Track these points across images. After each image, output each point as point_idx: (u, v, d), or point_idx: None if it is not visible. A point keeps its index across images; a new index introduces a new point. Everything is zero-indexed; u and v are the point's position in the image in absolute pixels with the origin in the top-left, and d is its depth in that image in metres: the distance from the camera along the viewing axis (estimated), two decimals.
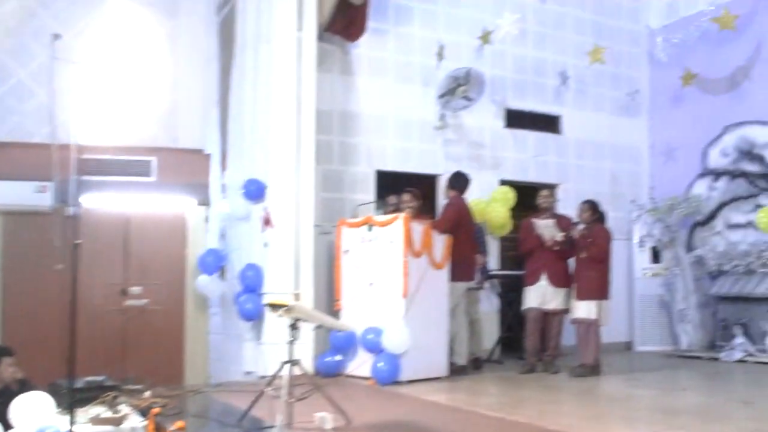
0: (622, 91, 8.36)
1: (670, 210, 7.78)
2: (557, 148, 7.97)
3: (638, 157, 8.53)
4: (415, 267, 5.60)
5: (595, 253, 6.10)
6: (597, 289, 6.11)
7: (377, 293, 5.67)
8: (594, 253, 6.10)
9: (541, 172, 7.85)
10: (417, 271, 5.61)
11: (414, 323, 5.56)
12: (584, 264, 6.13)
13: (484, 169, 7.46)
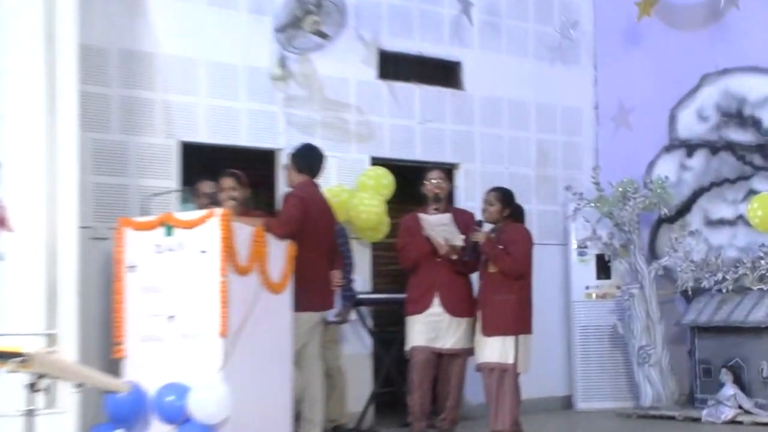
0: (552, 26, 8.68)
1: (623, 200, 8.00)
2: (456, 110, 8.16)
3: (577, 124, 8.86)
4: (239, 290, 5.52)
5: (509, 266, 6.29)
6: (513, 319, 6.31)
7: (181, 331, 5.56)
8: (508, 266, 6.29)
9: (433, 145, 8.04)
10: (243, 297, 5.54)
11: (238, 377, 5.46)
12: (494, 283, 6.33)
13: (346, 141, 7.61)
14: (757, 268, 7.62)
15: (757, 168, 8.00)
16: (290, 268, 5.83)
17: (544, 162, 8.74)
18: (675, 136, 8.48)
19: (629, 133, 8.78)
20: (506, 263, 6.27)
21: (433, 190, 6.55)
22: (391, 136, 7.88)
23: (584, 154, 8.94)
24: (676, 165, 8.38)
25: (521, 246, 6.38)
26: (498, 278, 6.31)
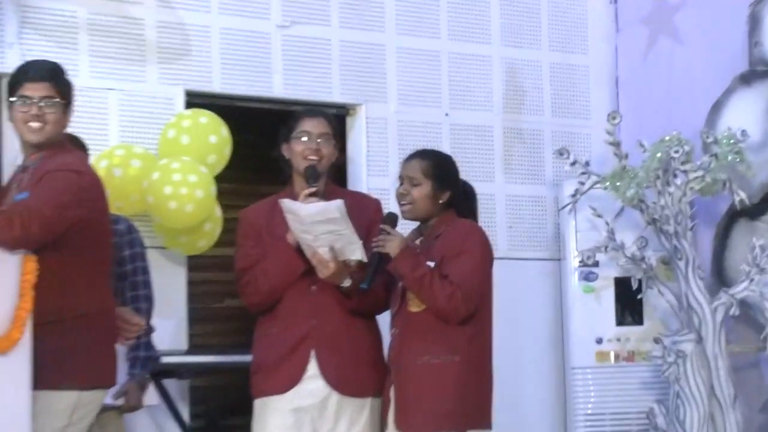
0: None
1: (664, 176, 7.77)
2: (352, 2, 8.18)
3: (578, 29, 8.99)
4: None
5: (445, 300, 6.17)
6: (454, 400, 6.25)
7: None
8: (445, 300, 6.17)
9: (307, 71, 8.06)
10: None
11: None
12: (419, 332, 6.29)
13: (139, 60, 7.69)
14: None
15: None
16: (26, 305, 5.78)
17: (518, 101, 8.74)
18: (761, 56, 8.23)
19: (676, 49, 8.78)
20: (442, 294, 6.12)
21: (307, 156, 6.36)
22: (225, 53, 7.91)
23: (593, 87, 9.04)
24: (763, 109, 8.24)
25: (470, 261, 6.24)
26: (427, 323, 6.21)
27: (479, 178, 7.93)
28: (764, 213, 8.18)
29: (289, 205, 6.18)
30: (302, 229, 6.19)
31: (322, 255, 6.20)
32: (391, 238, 6.21)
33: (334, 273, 6.20)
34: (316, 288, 6.30)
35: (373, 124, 8.20)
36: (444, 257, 6.22)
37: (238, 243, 6.55)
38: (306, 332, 6.31)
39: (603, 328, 8.38)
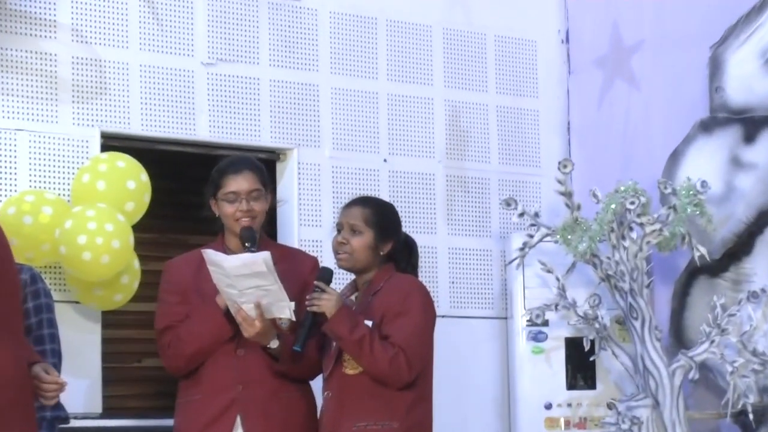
0: None
1: (619, 229, 7.76)
2: (284, 38, 8.07)
3: (529, 71, 8.93)
4: None
5: (386, 364, 6.18)
6: None
7: None
8: (385, 363, 6.18)
9: (235, 113, 7.94)
10: None
11: None
12: (355, 396, 6.30)
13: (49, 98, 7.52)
14: None
15: None
16: None
17: (462, 147, 8.66)
18: (722, 102, 8.22)
19: (632, 94, 8.76)
20: (383, 358, 6.17)
21: (239, 219, 6.46)
22: (145, 92, 7.76)
23: (543, 133, 9.03)
24: (724, 159, 8.19)
25: (413, 322, 6.29)
26: (363, 387, 6.27)
27: (420, 230, 8.06)
28: (726, 270, 8.17)
29: (213, 257, 6.14)
30: (227, 283, 6.15)
31: (247, 312, 6.17)
32: (326, 296, 6.20)
33: (261, 332, 6.19)
34: (243, 352, 6.32)
35: (306, 170, 8.13)
36: (384, 316, 6.23)
37: (160, 298, 6.52)
38: (232, 400, 6.31)
39: (553, 392, 8.33)
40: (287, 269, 6.35)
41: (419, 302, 6.36)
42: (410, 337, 6.24)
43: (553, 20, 9.01)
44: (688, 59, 8.35)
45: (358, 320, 6.20)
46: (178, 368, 6.45)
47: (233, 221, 6.40)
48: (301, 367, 6.42)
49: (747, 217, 8.16)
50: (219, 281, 6.17)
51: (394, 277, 6.40)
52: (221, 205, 6.41)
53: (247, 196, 6.38)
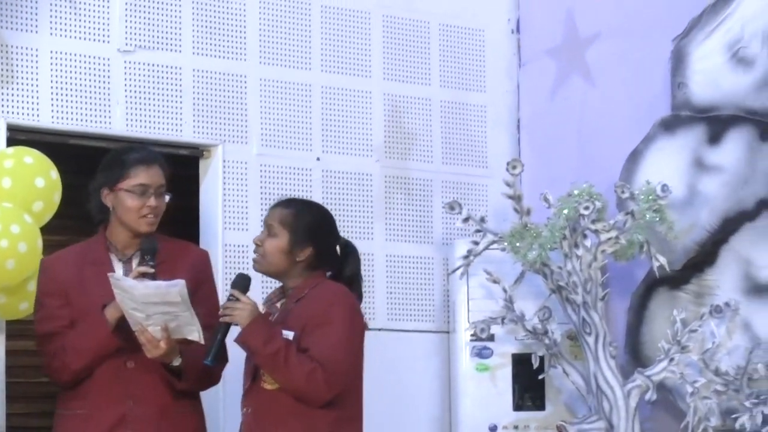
0: None
1: (572, 237, 7.81)
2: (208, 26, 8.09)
3: (476, 64, 9.02)
4: None
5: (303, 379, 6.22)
6: None
7: None
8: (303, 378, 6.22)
9: (153, 105, 7.93)
10: None
11: None
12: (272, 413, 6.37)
13: None
14: None
15: None
16: None
17: (403, 145, 8.73)
18: (685, 99, 8.32)
19: (588, 90, 8.79)
20: (299, 373, 6.23)
21: (145, 215, 6.49)
22: (56, 81, 7.68)
23: (490, 130, 9.05)
24: (686, 161, 8.27)
25: (335, 334, 6.33)
26: (283, 403, 6.33)
27: (355, 235, 8.04)
28: (687, 282, 8.24)
29: (122, 284, 6.19)
30: (133, 307, 6.19)
31: (152, 334, 6.23)
32: (240, 305, 6.27)
33: (164, 353, 6.26)
34: (133, 364, 6.36)
35: (231, 169, 8.12)
36: (305, 327, 6.26)
37: (39, 301, 6.54)
38: (121, 416, 6.35)
39: (498, 413, 8.36)
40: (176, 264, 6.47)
41: (342, 312, 6.38)
42: (331, 350, 6.27)
43: (503, 8, 9.04)
44: (649, 52, 8.44)
45: (274, 332, 6.25)
46: (64, 382, 6.45)
47: (137, 217, 6.41)
48: (202, 381, 6.56)
49: (711, 224, 8.19)
50: (124, 304, 6.20)
51: (320, 286, 6.43)
52: (122, 197, 6.40)
53: (156, 190, 6.42)
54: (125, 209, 6.40)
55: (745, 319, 8.18)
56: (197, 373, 6.40)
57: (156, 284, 6.19)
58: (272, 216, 6.50)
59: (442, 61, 8.88)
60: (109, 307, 6.22)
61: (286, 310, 6.41)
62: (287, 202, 6.65)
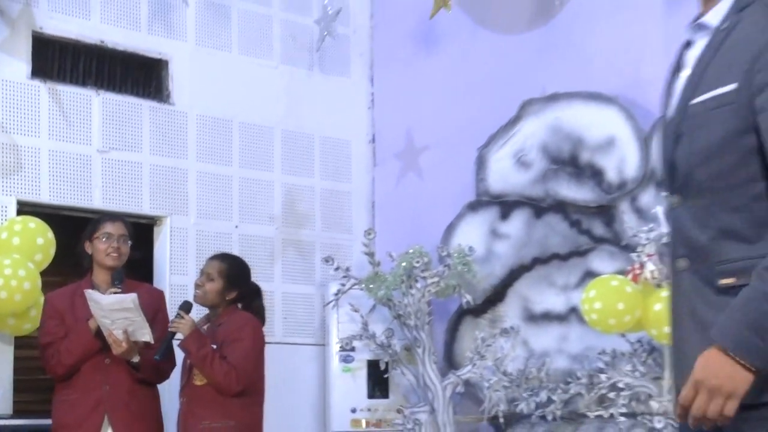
0: (309, 15, 8.40)
1: (408, 281, 7.75)
2: (160, 133, 7.83)
3: (344, 164, 8.77)
4: None
5: (224, 375, 6.18)
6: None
7: None
8: (222, 376, 6.18)
9: (122, 187, 7.71)
10: None
11: None
12: (202, 402, 6.28)
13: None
14: (596, 385, 7.48)
15: (597, 240, 7.86)
16: None
17: (295, 219, 8.52)
18: (485, 189, 8.20)
19: (420, 182, 8.57)
20: (220, 372, 6.19)
21: (110, 254, 6.33)
22: (52, 170, 7.42)
23: (354, 209, 8.86)
24: (485, 231, 8.13)
25: (244, 347, 6.32)
26: (209, 395, 6.26)
27: (262, 278, 7.53)
28: (485, 312, 8.15)
29: (93, 296, 6.13)
30: (102, 315, 6.12)
31: (117, 336, 6.13)
32: (184, 321, 6.22)
33: (126, 350, 6.15)
34: (109, 361, 6.23)
35: (176, 233, 7.86)
36: (224, 342, 6.24)
37: (43, 321, 6.41)
38: (100, 397, 6.22)
39: (357, 400, 8.19)
40: (143, 301, 6.28)
41: (250, 332, 6.38)
42: (241, 358, 6.26)
43: (363, 126, 8.87)
44: (461, 157, 8.27)
45: (206, 341, 6.20)
46: (59, 375, 6.32)
47: (105, 256, 6.29)
48: (154, 374, 6.39)
49: (501, 273, 8.13)
50: (96, 313, 6.12)
51: (235, 313, 6.42)
52: (95, 244, 6.31)
53: (118, 238, 6.28)
54: (97, 251, 6.30)
55: (524, 338, 8.09)
56: (151, 368, 6.27)
57: (116, 296, 6.14)
58: (211, 266, 6.46)
59: (322, 162, 8.70)
60: (91, 319, 6.11)
61: (211, 329, 6.36)
62: (221, 256, 6.63)
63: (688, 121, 2.99)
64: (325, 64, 8.59)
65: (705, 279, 2.95)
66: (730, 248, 2.92)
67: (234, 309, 6.45)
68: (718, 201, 2.96)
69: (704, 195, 2.98)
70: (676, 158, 3.03)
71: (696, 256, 2.97)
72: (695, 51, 3.05)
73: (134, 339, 6.16)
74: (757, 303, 2.74)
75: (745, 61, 2.89)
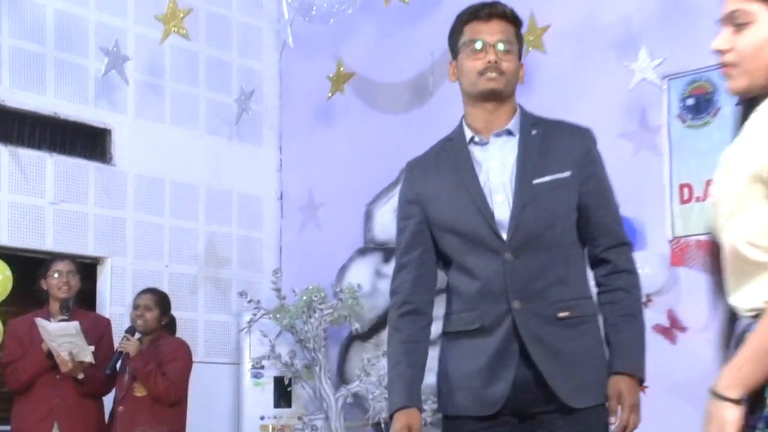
0: (229, 95, 8.29)
1: (308, 312, 7.66)
2: (103, 189, 7.58)
3: (257, 216, 8.54)
4: None
5: (163, 389, 6.17)
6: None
7: None
8: (162, 389, 6.17)
9: (71, 233, 7.36)
10: None
11: None
12: (140, 410, 6.20)
13: None
14: None
15: None
16: None
17: (215, 261, 8.26)
18: (371, 238, 8.16)
19: (318, 231, 8.40)
20: (161, 386, 6.18)
21: (60, 287, 6.24)
22: (11, 218, 7.13)
23: (264, 253, 8.60)
24: (371, 272, 8.08)
25: (179, 366, 6.37)
26: (146, 404, 6.22)
27: (188, 309, 7.77)
28: (371, 337, 8.09)
29: (42, 323, 6.08)
30: (50, 339, 6.07)
31: (63, 356, 6.06)
32: (131, 343, 6.21)
33: (71, 369, 6.07)
34: (59, 377, 6.15)
35: (116, 271, 7.63)
36: (162, 361, 6.24)
37: (4, 344, 6.36)
38: (51, 407, 6.15)
39: (265, 409, 8.06)
40: (90, 327, 6.27)
41: (184, 353, 6.43)
42: (178, 374, 6.28)
43: (273, 185, 8.61)
44: (352, 212, 8.17)
45: (149, 360, 6.15)
46: (16, 389, 6.23)
47: (56, 290, 6.18)
48: (97, 389, 6.31)
49: (384, 306, 7.78)
50: (45, 337, 6.06)
51: (168, 338, 6.48)
52: (48, 280, 6.21)
53: (67, 273, 6.21)
54: (51, 286, 6.21)
55: None
56: (93, 384, 6.21)
57: (61, 324, 6.07)
58: (146, 299, 6.43)
59: (238, 214, 8.39)
60: (43, 343, 6.03)
61: (150, 350, 6.29)
62: (152, 290, 6.61)
63: (535, 195, 3.15)
64: (242, 134, 8.39)
65: (542, 315, 3.13)
66: (562, 291, 3.14)
67: (166, 333, 6.45)
68: (554, 256, 3.15)
69: (544, 250, 3.14)
70: (522, 222, 3.13)
71: (530, 298, 3.13)
72: (497, 146, 3.29)
73: (78, 359, 6.06)
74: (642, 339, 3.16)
75: (573, 157, 3.16)
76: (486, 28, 3.27)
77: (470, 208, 3.21)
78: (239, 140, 8.37)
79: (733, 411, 2.22)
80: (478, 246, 3.19)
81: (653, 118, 6.58)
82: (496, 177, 3.23)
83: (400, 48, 7.88)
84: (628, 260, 3.23)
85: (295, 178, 8.53)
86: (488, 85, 3.26)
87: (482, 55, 3.25)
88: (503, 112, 3.30)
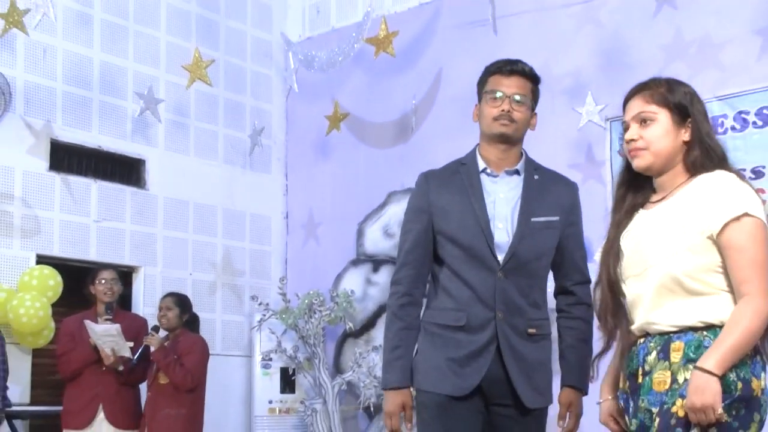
0: (243, 131, 8.12)
1: (309, 313, 7.49)
2: (138, 209, 7.43)
3: (266, 232, 8.37)
4: None
5: (181, 378, 6.06)
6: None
7: None
8: (180, 378, 6.06)
9: (111, 246, 7.21)
10: None
11: None
12: (164, 395, 6.10)
13: (8, 236, 6.68)
14: None
15: None
16: None
17: (231, 270, 8.07)
18: (362, 251, 8.00)
19: (317, 246, 8.23)
20: (179, 375, 6.05)
21: (106, 293, 6.15)
22: (61, 234, 6.99)
23: (272, 263, 8.39)
24: (362, 280, 7.94)
25: (195, 358, 6.21)
26: (168, 390, 6.10)
27: (207, 310, 7.56)
28: (362, 335, 7.92)
29: (90, 325, 6.04)
30: (96, 337, 6.04)
31: (107, 352, 6.03)
32: (154, 338, 6.12)
33: (113, 362, 6.03)
34: (103, 368, 6.09)
35: (148, 278, 7.47)
36: (181, 353, 6.12)
37: (59, 338, 6.27)
38: (96, 393, 6.09)
39: (272, 395, 7.90)
40: (129, 325, 6.19)
41: (200, 347, 6.27)
42: (194, 365, 6.14)
43: (280, 207, 8.40)
44: (346, 230, 8.02)
45: (170, 353, 6.05)
46: (67, 377, 6.14)
47: (102, 294, 6.11)
48: (133, 379, 6.21)
49: (373, 309, 7.88)
50: (92, 335, 6.02)
51: (187, 334, 6.29)
52: (96, 287, 6.14)
53: (110, 281, 6.15)
54: (97, 291, 6.13)
55: None
56: (130, 375, 6.13)
57: (105, 325, 6.01)
58: (167, 301, 6.30)
59: (251, 231, 8.17)
60: (90, 339, 5.98)
61: (171, 344, 6.15)
62: (171, 293, 6.49)
63: (531, 230, 3.21)
64: (254, 164, 8.22)
65: (517, 328, 3.19)
66: (534, 312, 3.22)
67: (186, 330, 6.27)
68: (534, 283, 3.22)
69: (528, 277, 3.21)
70: (518, 250, 3.19)
71: (511, 312, 3.17)
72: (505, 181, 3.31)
73: (119, 355, 6.03)
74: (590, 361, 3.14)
75: (563, 205, 3.24)
76: (506, 81, 3.27)
77: (475, 228, 3.19)
78: (251, 169, 8.24)
79: (719, 384, 2.42)
80: (476, 260, 3.19)
81: (598, 153, 6.54)
82: (502, 207, 3.24)
83: (387, 93, 7.80)
84: (588, 295, 3.26)
85: (298, 201, 8.38)
86: (500, 129, 3.26)
87: (499, 104, 3.26)
88: (512, 153, 3.31)
